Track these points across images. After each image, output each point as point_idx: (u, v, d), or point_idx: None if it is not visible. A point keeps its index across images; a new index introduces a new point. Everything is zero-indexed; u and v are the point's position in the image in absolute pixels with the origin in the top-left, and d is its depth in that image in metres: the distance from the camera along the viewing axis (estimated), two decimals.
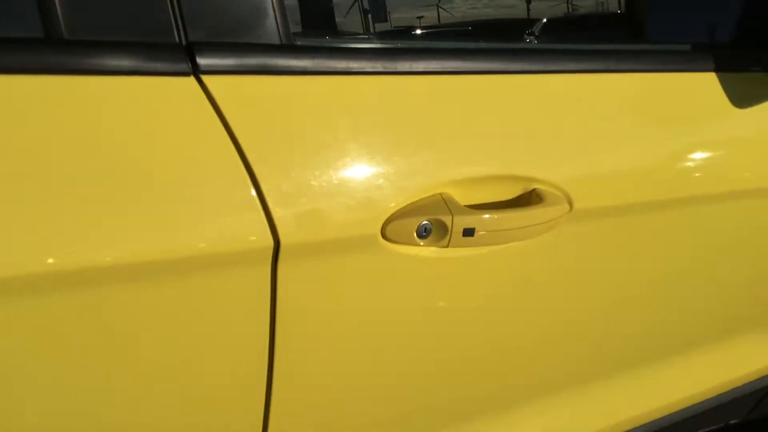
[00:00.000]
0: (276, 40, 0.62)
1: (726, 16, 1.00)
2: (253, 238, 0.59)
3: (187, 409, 0.67)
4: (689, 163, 0.85)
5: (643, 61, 0.85)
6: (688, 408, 1.19)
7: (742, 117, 0.89)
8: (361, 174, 0.64)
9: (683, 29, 1.04)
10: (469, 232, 0.69)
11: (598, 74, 0.81)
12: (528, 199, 0.73)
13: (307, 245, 0.62)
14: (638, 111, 0.83)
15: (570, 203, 0.75)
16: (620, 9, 0.96)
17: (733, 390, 1.23)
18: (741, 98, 0.88)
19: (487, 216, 0.69)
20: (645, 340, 1.05)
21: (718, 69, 0.87)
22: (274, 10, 0.61)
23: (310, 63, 0.63)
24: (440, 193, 0.68)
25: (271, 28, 0.61)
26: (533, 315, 0.84)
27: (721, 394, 1.22)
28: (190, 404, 0.67)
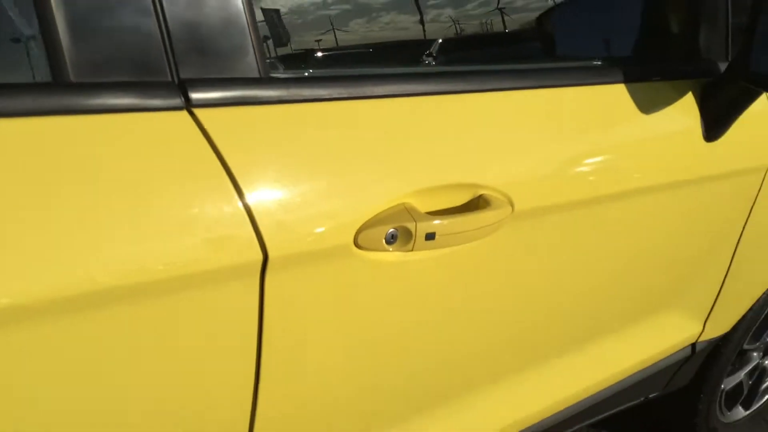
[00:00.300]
0: (256, 74, 0.69)
1: (626, 34, 1.14)
2: (245, 252, 0.66)
3: (179, 414, 0.73)
4: (606, 164, 0.97)
5: (558, 77, 0.96)
6: (616, 384, 1.31)
7: (648, 121, 1.02)
8: (333, 190, 0.72)
9: (589, 46, 1.17)
10: (430, 236, 0.77)
11: (519, 91, 0.91)
12: (477, 204, 0.83)
13: (291, 257, 0.69)
14: (556, 121, 0.94)
15: (512, 205, 0.85)
16: (505, 28, 1.07)
17: (651, 366, 1.37)
18: (646, 105, 1.01)
19: (445, 221, 0.78)
20: (577, 326, 1.16)
21: (625, 81, 1.00)
22: (253, 47, 0.68)
23: (285, 93, 0.70)
24: (403, 203, 0.77)
25: (251, 63, 0.68)
26: (488, 308, 0.94)
27: (642, 370, 1.35)
28: (183, 408, 0.73)
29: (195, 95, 0.64)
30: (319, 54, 0.90)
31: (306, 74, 0.77)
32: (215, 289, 0.66)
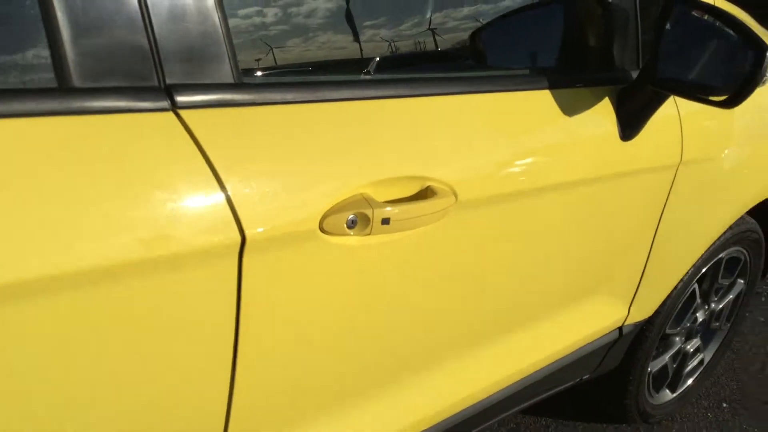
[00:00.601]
0: (231, 80, 0.79)
1: (552, 48, 1.28)
2: (225, 234, 0.76)
3: (156, 393, 0.81)
4: (536, 160, 1.10)
5: (493, 84, 1.09)
6: (552, 364, 1.44)
7: (571, 122, 1.15)
8: (301, 181, 0.82)
9: (521, 58, 1.30)
10: (386, 221, 0.88)
11: (460, 95, 1.03)
12: (425, 193, 0.94)
13: (265, 240, 0.79)
14: (493, 122, 1.06)
15: (456, 195, 0.97)
16: (437, 48, 1.19)
17: (583, 348, 1.50)
18: (569, 108, 1.15)
19: (398, 208, 0.89)
20: (511, 311, 1.28)
21: (551, 87, 1.13)
22: (228, 56, 0.78)
23: (257, 97, 0.81)
24: (361, 193, 0.87)
25: (227, 70, 0.78)
26: (433, 290, 1.05)
27: (574, 352, 1.48)
28: (161, 387, 0.81)
29: (180, 98, 0.74)
30: (285, 63, 1.00)
31: (274, 81, 0.87)
32: (201, 267, 0.76)
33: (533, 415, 1.99)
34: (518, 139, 1.08)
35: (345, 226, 0.86)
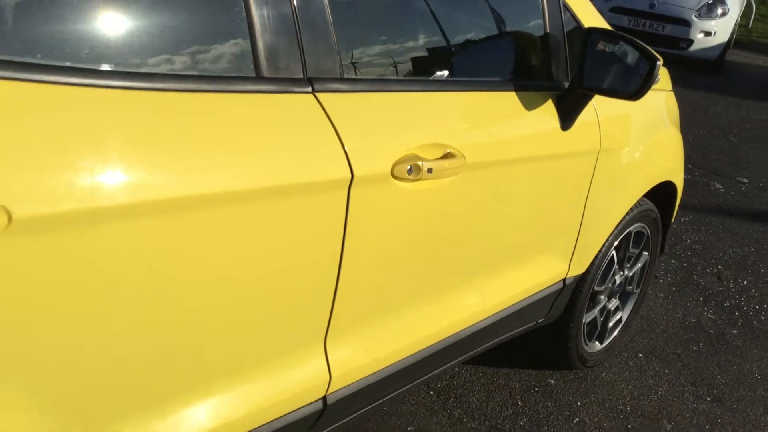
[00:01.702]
0: (339, 75, 1.24)
1: (512, 63, 1.80)
2: (341, 172, 1.20)
3: (287, 284, 1.23)
4: (501, 139, 1.60)
5: (479, 86, 1.59)
6: (513, 306, 1.91)
7: (526, 114, 1.66)
8: (384, 142, 1.28)
9: (494, 69, 1.81)
10: (429, 170, 1.35)
11: (463, 92, 1.53)
12: (447, 155, 1.42)
13: (363, 177, 1.24)
14: (477, 109, 1.56)
15: (465, 158, 1.45)
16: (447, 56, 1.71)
17: (536, 294, 1.98)
18: (525, 104, 1.66)
19: (435, 163, 1.36)
20: (482, 260, 1.75)
21: (514, 90, 1.64)
22: (338, 58, 1.24)
23: (357, 87, 1.27)
24: (413, 152, 1.34)
25: (338, 68, 1.24)
26: (451, 225, 1.52)
27: (529, 297, 1.96)
28: (283, 288, 1.23)
29: (316, 86, 1.19)
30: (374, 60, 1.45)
31: (366, 78, 1.34)
32: (324, 193, 1.19)
33: (471, 366, 2.46)
34: (494, 124, 1.59)
35: (406, 172, 1.32)
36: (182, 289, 1.06)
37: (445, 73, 1.56)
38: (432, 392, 2.27)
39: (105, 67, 0.96)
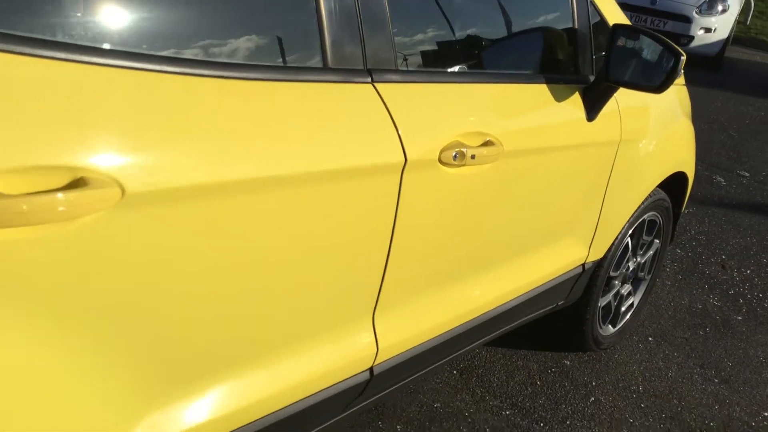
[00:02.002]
0: (394, 67, 1.34)
1: (543, 59, 1.89)
2: (396, 157, 1.30)
3: (335, 260, 1.33)
4: (537, 129, 1.70)
5: (513, 78, 1.69)
6: (537, 288, 2.02)
7: (557, 105, 1.76)
8: (434, 131, 1.38)
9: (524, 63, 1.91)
10: (473, 157, 1.45)
11: (499, 84, 1.63)
12: (487, 143, 1.51)
13: (415, 162, 1.34)
14: (511, 101, 1.65)
15: (502, 146, 1.55)
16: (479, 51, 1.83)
17: (557, 278, 2.09)
18: (555, 96, 1.76)
19: (477, 149, 1.46)
20: (510, 245, 1.86)
21: (545, 82, 1.74)
22: (394, 52, 1.34)
23: (409, 78, 1.36)
24: (457, 140, 1.44)
25: (393, 61, 1.34)
26: (490, 208, 1.62)
27: (552, 280, 2.07)
28: (337, 260, 1.33)
29: (375, 77, 1.29)
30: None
31: (422, 69, 1.44)
32: (375, 179, 1.29)
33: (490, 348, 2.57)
34: (527, 115, 1.69)
35: (452, 158, 1.42)
36: (260, 261, 1.16)
37: (483, 66, 1.66)
38: (455, 372, 2.38)
39: (201, 57, 1.06)
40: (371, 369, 1.50)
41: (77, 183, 0.88)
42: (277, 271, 1.21)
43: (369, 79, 1.29)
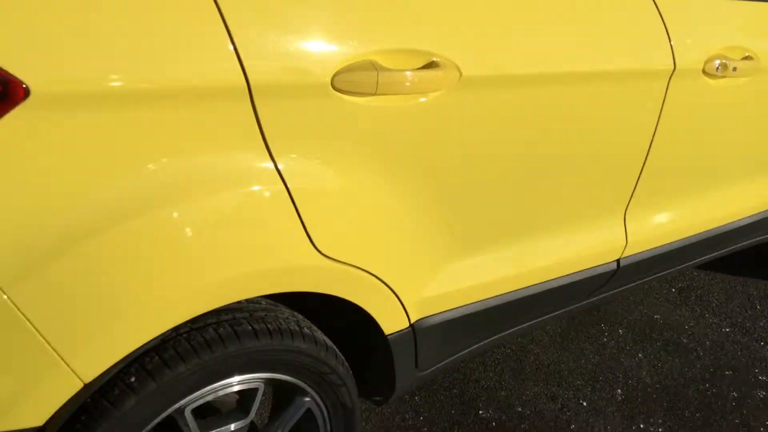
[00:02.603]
0: None
1: None
2: (665, 63, 1.43)
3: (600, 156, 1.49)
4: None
5: None
6: (760, 212, 2.05)
7: None
8: (702, 39, 1.49)
9: None
10: (734, 69, 1.55)
11: None
12: (746, 57, 1.60)
13: (683, 71, 1.46)
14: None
15: (759, 62, 1.62)
16: None
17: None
18: None
19: (738, 62, 1.56)
20: (749, 163, 1.92)
21: None
22: None
23: None
24: (720, 52, 1.54)
25: None
26: (742, 127, 1.71)
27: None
28: (601, 154, 1.49)
29: None
30: None
31: None
32: (646, 83, 1.43)
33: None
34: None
35: (714, 69, 1.53)
36: (547, 149, 1.36)
37: None
38: (674, 289, 2.49)
39: None
40: (618, 261, 1.67)
41: (431, 65, 1.11)
42: (557, 159, 1.40)
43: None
